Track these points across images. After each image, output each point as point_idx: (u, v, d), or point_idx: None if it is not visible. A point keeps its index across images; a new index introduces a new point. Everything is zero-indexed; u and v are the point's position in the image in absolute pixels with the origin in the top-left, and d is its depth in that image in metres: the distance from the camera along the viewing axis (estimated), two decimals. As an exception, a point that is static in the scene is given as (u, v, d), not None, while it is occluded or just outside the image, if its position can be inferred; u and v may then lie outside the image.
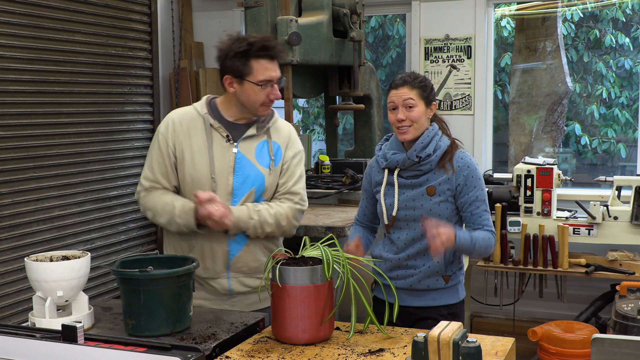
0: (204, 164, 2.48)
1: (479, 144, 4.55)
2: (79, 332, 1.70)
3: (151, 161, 2.55)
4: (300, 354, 2.01)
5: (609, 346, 1.55)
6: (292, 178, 2.58)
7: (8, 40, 3.44)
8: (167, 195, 2.52)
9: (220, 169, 2.48)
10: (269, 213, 2.49)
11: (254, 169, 2.51)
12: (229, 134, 2.51)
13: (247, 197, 2.50)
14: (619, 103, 6.33)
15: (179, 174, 2.52)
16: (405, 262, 2.53)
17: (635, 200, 3.76)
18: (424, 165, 2.50)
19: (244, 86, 2.44)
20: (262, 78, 2.43)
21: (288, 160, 2.58)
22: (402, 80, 2.50)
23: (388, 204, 2.54)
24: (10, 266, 3.47)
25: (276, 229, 2.52)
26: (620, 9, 6.08)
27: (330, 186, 3.91)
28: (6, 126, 3.45)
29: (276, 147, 2.57)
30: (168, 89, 4.87)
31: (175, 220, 2.46)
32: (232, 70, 2.44)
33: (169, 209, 2.47)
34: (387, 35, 7.05)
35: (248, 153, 2.51)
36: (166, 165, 2.52)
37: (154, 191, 2.54)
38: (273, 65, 2.46)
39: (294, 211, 2.56)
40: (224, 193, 2.48)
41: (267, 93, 2.46)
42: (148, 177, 2.55)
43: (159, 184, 2.54)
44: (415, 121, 2.47)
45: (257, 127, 2.54)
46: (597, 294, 4.05)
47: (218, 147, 2.50)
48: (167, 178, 2.53)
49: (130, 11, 4.26)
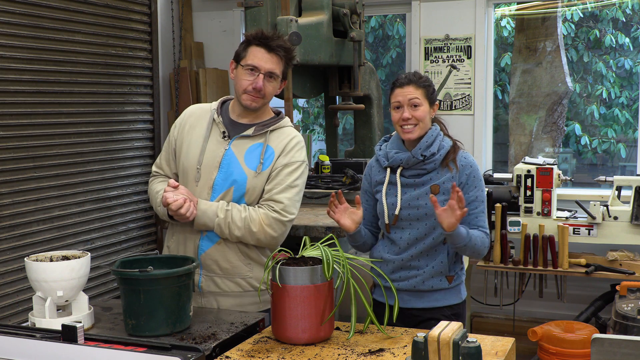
0: (195, 155, 2.55)
1: (479, 144, 4.55)
2: (79, 332, 1.71)
3: (163, 149, 2.72)
4: (300, 354, 2.01)
5: (609, 346, 1.54)
6: (278, 186, 2.50)
7: (8, 40, 3.44)
8: (161, 184, 2.63)
9: (207, 163, 2.52)
10: (240, 216, 2.46)
11: (238, 169, 2.51)
12: (227, 130, 2.55)
13: (225, 194, 2.50)
14: (619, 103, 6.33)
15: (176, 162, 2.63)
16: (408, 262, 2.52)
17: (635, 200, 3.76)
18: (428, 164, 2.50)
19: (237, 70, 2.53)
20: (249, 62, 2.47)
21: (279, 167, 2.52)
22: (407, 79, 2.50)
23: (390, 203, 2.53)
24: (10, 266, 3.47)
25: (247, 233, 2.46)
26: (620, 9, 6.08)
27: (330, 186, 3.90)
28: (6, 126, 3.45)
29: (270, 151, 2.53)
30: (168, 89, 4.87)
31: (157, 208, 2.60)
32: (236, 55, 2.54)
33: (155, 197, 2.61)
34: (387, 35, 7.05)
35: (238, 152, 2.52)
36: (169, 153, 2.66)
37: (155, 178, 2.70)
38: (269, 56, 2.48)
39: (270, 219, 2.46)
40: (206, 187, 2.52)
41: (251, 81, 2.47)
42: (157, 163, 2.72)
43: (162, 171, 2.69)
44: (420, 120, 2.47)
45: (256, 128, 2.54)
46: (597, 294, 4.05)
47: (214, 141, 2.55)
48: (168, 165, 2.67)
49: (130, 11, 4.26)
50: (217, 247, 2.52)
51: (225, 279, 2.54)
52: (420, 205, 2.49)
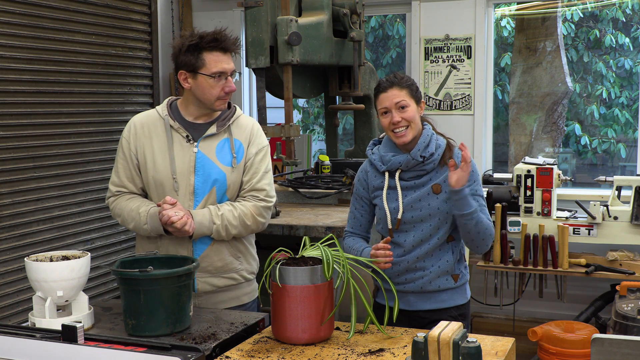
0: (165, 165, 2.49)
1: (479, 144, 4.54)
2: (79, 332, 1.71)
3: (117, 166, 2.59)
4: (300, 354, 2.01)
5: (609, 346, 1.54)
6: (256, 175, 2.55)
7: (8, 40, 3.44)
8: (133, 201, 2.54)
9: (181, 169, 2.49)
10: (233, 215, 2.48)
11: (215, 168, 2.50)
12: (189, 134, 2.52)
13: (208, 196, 2.50)
14: (619, 103, 6.33)
15: (142, 176, 2.55)
16: (414, 264, 2.50)
17: (635, 200, 3.76)
18: (427, 164, 2.48)
19: (197, 80, 2.45)
20: (215, 70, 2.43)
21: (251, 156, 2.55)
22: (389, 83, 2.47)
23: (392, 207, 2.49)
24: (10, 266, 3.47)
25: (242, 229, 2.51)
26: (620, 9, 6.08)
27: (330, 186, 3.91)
28: (6, 126, 3.45)
29: (238, 144, 2.55)
30: (168, 89, 4.87)
31: (142, 227, 2.50)
32: (186, 64, 2.45)
33: (134, 216, 2.50)
34: (387, 35, 7.05)
35: (209, 152, 2.51)
36: (130, 170, 2.55)
37: (121, 196, 2.58)
38: (226, 57, 2.46)
39: (259, 209, 2.53)
40: (186, 193, 2.49)
41: (222, 86, 2.45)
42: (115, 182, 2.59)
43: (125, 189, 2.57)
44: (411, 121, 2.45)
45: (217, 125, 2.54)
46: (597, 294, 4.05)
47: (178, 147, 2.51)
48: (132, 182, 2.56)
49: (130, 11, 4.26)
50: (211, 249, 2.53)
51: (219, 277, 2.55)
52: (422, 207, 2.47)
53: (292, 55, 3.46)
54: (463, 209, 2.38)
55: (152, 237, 2.55)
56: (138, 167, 2.55)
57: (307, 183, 3.95)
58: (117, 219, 2.61)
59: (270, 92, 3.99)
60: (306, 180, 4.01)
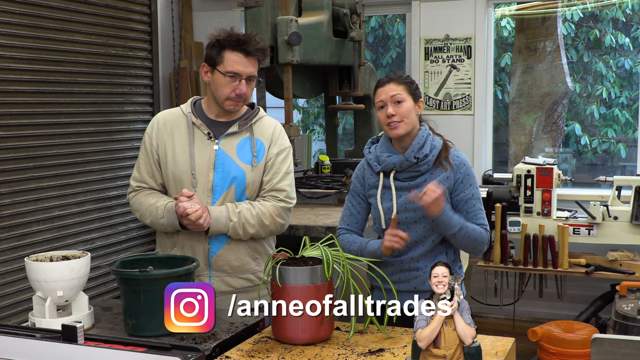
0: (185, 161, 2.51)
1: (479, 144, 4.55)
2: (79, 332, 1.71)
3: (139, 162, 2.63)
4: (300, 354, 2.01)
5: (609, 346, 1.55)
6: (277, 175, 2.56)
7: (8, 40, 3.44)
8: (152, 196, 2.56)
9: (201, 166, 2.50)
10: (251, 213, 2.49)
11: (234, 166, 2.51)
12: (210, 131, 2.54)
13: (226, 194, 2.51)
14: (619, 103, 6.33)
15: (162, 172, 2.57)
16: (408, 264, 2.50)
17: (635, 200, 3.76)
18: (421, 165, 2.47)
19: (214, 75, 2.49)
20: (229, 69, 2.45)
21: (272, 157, 2.57)
22: (387, 78, 2.49)
23: (385, 207, 2.49)
24: (10, 266, 3.47)
25: (260, 229, 2.51)
26: (620, 9, 6.08)
27: (330, 186, 3.90)
28: (6, 126, 3.45)
29: (259, 144, 2.56)
30: (168, 89, 4.87)
31: (158, 221, 2.51)
32: (209, 58, 2.49)
33: (152, 210, 2.52)
34: (387, 35, 7.05)
35: (229, 150, 2.52)
36: (151, 165, 2.58)
37: (140, 192, 2.60)
38: (246, 61, 2.47)
39: (279, 209, 2.54)
40: (205, 189, 2.50)
41: (234, 87, 2.46)
42: (136, 177, 2.63)
43: (145, 184, 2.60)
44: (405, 116, 2.43)
45: (239, 124, 2.55)
46: (597, 294, 4.05)
47: (199, 144, 2.53)
48: (153, 177, 2.59)
49: (130, 11, 4.26)
50: (228, 248, 2.53)
51: (236, 277, 2.55)
52: (416, 208, 2.45)
53: (292, 55, 3.46)
54: (447, 230, 2.40)
55: (170, 233, 2.55)
56: (158, 163, 2.57)
57: (307, 183, 3.95)
58: (135, 214, 2.63)
59: (270, 92, 3.99)
60: (306, 180, 4.01)
